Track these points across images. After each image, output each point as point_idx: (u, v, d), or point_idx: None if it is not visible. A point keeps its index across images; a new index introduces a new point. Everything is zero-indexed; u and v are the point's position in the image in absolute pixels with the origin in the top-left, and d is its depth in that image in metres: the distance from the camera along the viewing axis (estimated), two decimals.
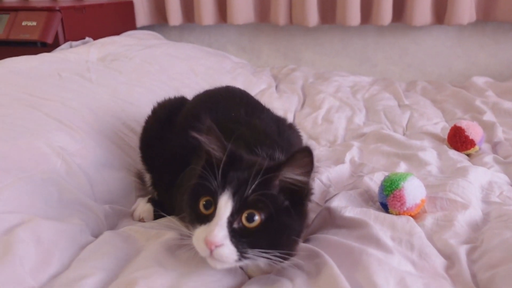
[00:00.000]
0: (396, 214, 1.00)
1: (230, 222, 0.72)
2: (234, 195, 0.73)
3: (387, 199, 1.01)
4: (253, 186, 0.72)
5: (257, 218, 0.72)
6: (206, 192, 0.76)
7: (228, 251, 0.70)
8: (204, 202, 0.76)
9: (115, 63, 1.74)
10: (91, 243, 0.86)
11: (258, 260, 0.73)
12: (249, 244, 0.71)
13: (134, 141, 1.30)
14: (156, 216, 1.07)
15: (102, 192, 1.08)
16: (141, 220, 1.06)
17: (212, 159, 0.78)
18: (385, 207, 1.03)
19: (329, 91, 2.01)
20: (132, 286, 0.70)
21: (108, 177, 1.12)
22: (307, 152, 0.72)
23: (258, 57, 2.75)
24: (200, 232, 0.73)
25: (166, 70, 1.85)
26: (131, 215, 1.09)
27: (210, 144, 0.78)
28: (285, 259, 0.74)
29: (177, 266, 0.78)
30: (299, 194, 0.77)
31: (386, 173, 1.15)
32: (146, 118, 1.20)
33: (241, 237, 0.71)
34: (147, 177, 1.17)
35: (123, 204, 1.11)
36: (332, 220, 0.99)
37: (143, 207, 1.09)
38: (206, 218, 0.74)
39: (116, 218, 1.04)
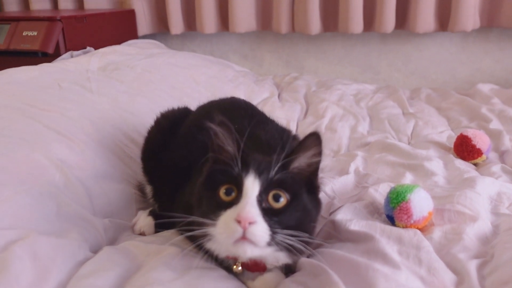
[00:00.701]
0: (403, 227, 0.98)
1: (259, 202, 0.73)
2: (260, 175, 0.75)
3: (394, 211, 0.99)
4: (276, 168, 0.76)
5: (282, 198, 0.75)
6: (226, 178, 0.77)
7: (261, 229, 0.71)
8: (224, 190, 0.76)
9: (116, 73, 1.72)
10: (89, 259, 0.83)
11: (281, 249, 0.74)
12: (279, 224, 0.72)
13: (135, 152, 1.29)
14: (158, 230, 1.05)
15: (101, 205, 1.06)
16: (142, 233, 1.04)
17: (223, 157, 0.79)
18: (391, 220, 1.01)
19: (332, 100, 1.99)
20: None
21: (108, 189, 1.10)
22: (316, 136, 0.79)
23: (260, 65, 2.74)
24: (227, 215, 0.72)
25: (167, 79, 1.84)
26: (131, 229, 1.07)
27: (222, 137, 0.79)
28: (307, 244, 0.76)
29: (178, 284, 0.75)
30: (312, 182, 0.82)
31: (392, 184, 1.12)
32: (149, 129, 1.19)
33: (271, 216, 0.73)
34: (148, 189, 1.15)
35: (123, 217, 1.08)
36: (337, 233, 0.96)
37: (144, 220, 1.06)
38: (229, 204, 0.74)
39: (116, 231, 1.02)
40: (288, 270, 0.87)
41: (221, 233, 0.73)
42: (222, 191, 0.76)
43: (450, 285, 0.80)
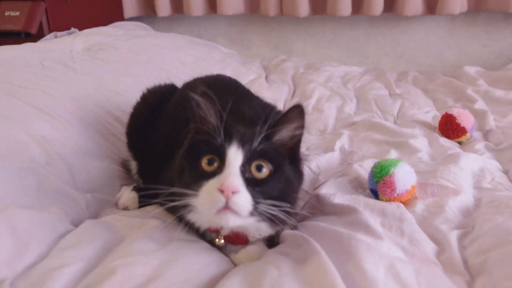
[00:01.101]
0: (386, 201, 0.98)
1: (242, 172, 0.73)
2: (243, 146, 0.75)
3: (377, 185, 0.99)
4: (259, 138, 0.76)
5: (265, 169, 0.75)
6: (208, 149, 0.76)
7: (244, 198, 0.71)
8: (206, 160, 0.75)
9: (101, 53, 1.70)
10: (70, 232, 0.82)
11: (264, 219, 0.74)
12: (261, 194, 0.73)
13: (119, 130, 1.27)
14: (142, 205, 1.05)
15: (83, 181, 1.04)
16: (126, 208, 1.03)
17: (205, 128, 0.79)
18: (375, 194, 1.01)
19: (319, 81, 1.99)
20: (111, 275, 0.68)
21: (90, 166, 1.09)
22: (300, 109, 0.78)
23: (248, 48, 2.72)
24: (210, 185, 0.72)
25: (153, 60, 1.81)
26: (115, 204, 1.06)
27: (205, 107, 0.78)
28: (289, 214, 0.76)
29: (160, 255, 0.75)
30: (294, 154, 0.82)
31: (377, 160, 1.12)
32: (135, 104, 1.18)
33: (254, 186, 0.73)
34: (133, 164, 1.14)
35: (106, 193, 1.07)
36: (320, 207, 0.97)
37: (127, 195, 1.05)
38: (212, 174, 0.74)
39: (98, 207, 1.01)
40: (271, 243, 0.87)
41: (204, 203, 0.72)
42: (204, 162, 0.76)
43: (431, 255, 0.80)
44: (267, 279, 0.67)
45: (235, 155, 0.74)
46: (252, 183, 0.73)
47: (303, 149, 0.87)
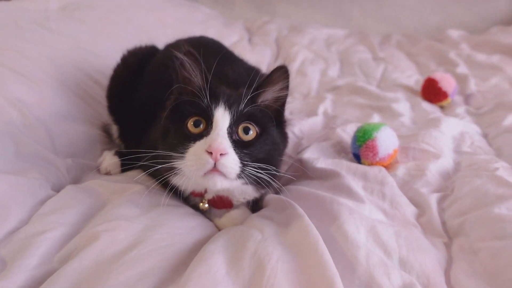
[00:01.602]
0: (369, 165, 0.99)
1: (229, 134, 0.73)
2: (230, 108, 0.74)
3: (360, 149, 1.00)
4: (246, 100, 0.75)
5: (252, 131, 0.75)
6: (194, 110, 0.75)
7: (232, 160, 0.71)
8: (192, 122, 0.75)
9: (78, 13, 1.63)
10: (52, 197, 0.81)
11: (250, 182, 0.74)
12: (248, 156, 0.73)
13: (99, 93, 1.24)
14: (124, 170, 1.04)
15: (63, 146, 1.02)
16: (108, 173, 1.02)
17: (189, 89, 0.77)
18: (357, 158, 1.02)
19: (303, 44, 1.96)
20: (94, 240, 0.67)
21: (70, 129, 1.06)
22: (284, 69, 0.78)
23: (231, 10, 2.65)
24: (197, 147, 0.71)
25: (133, 21, 1.75)
26: (97, 169, 1.05)
27: (189, 67, 0.77)
28: (274, 177, 0.76)
29: (143, 220, 0.75)
30: (279, 116, 0.82)
31: (359, 125, 1.13)
32: (115, 66, 1.14)
33: (242, 148, 0.73)
34: (114, 128, 1.12)
35: (87, 158, 1.05)
36: (304, 171, 0.97)
37: (109, 159, 1.04)
38: (198, 136, 0.73)
39: (80, 172, 0.99)
40: (255, 208, 0.88)
41: (191, 165, 0.71)
42: (190, 123, 0.74)
43: (411, 217, 0.82)
44: (250, 242, 0.68)
45: (222, 117, 0.73)
46: (239, 145, 0.73)
47: (286, 112, 0.86)
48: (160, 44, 1.24)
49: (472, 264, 0.70)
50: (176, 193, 0.82)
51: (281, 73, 0.78)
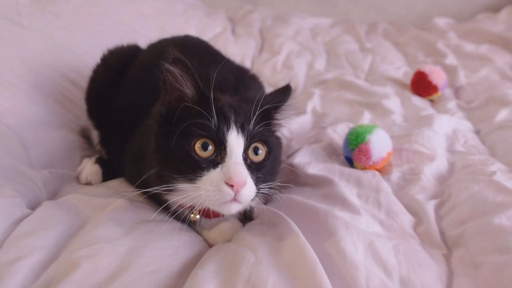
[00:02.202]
0: (362, 169, 0.96)
1: (244, 159, 0.69)
2: (242, 130, 0.70)
3: (353, 153, 0.96)
4: (254, 119, 0.71)
5: (261, 151, 0.72)
6: (201, 132, 0.69)
7: (251, 189, 0.68)
8: (200, 144, 0.69)
9: (51, 5, 1.54)
10: (27, 217, 0.75)
11: (259, 197, 0.73)
12: (262, 179, 0.70)
13: (76, 95, 1.18)
14: (105, 178, 0.98)
15: (39, 156, 0.96)
16: (88, 183, 0.97)
17: (180, 102, 0.71)
18: (350, 161, 0.98)
19: (288, 35, 1.90)
20: (74, 268, 0.62)
21: (45, 137, 1.00)
22: (291, 89, 0.77)
23: None
24: (215, 178, 0.66)
25: (110, 13, 1.67)
26: (76, 178, 0.99)
27: (179, 77, 0.70)
28: (277, 190, 0.75)
29: (126, 240, 0.70)
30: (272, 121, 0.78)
31: (350, 124, 1.09)
32: (95, 67, 1.08)
33: (256, 172, 0.70)
34: (94, 134, 1.06)
35: (65, 167, 0.99)
36: (295, 177, 0.93)
37: (90, 168, 0.98)
38: (211, 162, 0.68)
39: (58, 183, 0.93)
40: (244, 216, 0.84)
41: (208, 195, 0.66)
42: (197, 146, 0.68)
43: (409, 227, 0.79)
44: (243, 267, 0.64)
45: (236, 141, 0.69)
46: (253, 169, 0.70)
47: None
48: (140, 37, 1.18)
49: (475, 279, 0.67)
50: (161, 204, 0.77)
51: (288, 91, 0.77)
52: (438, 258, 0.73)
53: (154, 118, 0.75)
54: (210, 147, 0.68)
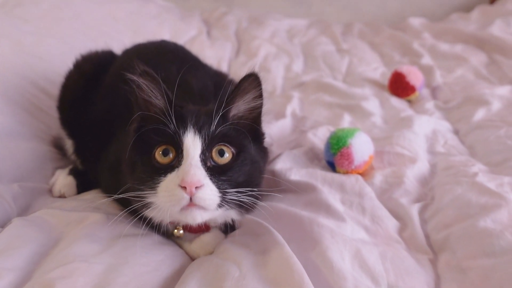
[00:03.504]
0: (344, 173, 0.94)
1: (203, 161, 0.66)
2: (200, 131, 0.67)
3: (334, 157, 0.94)
4: (216, 120, 0.68)
5: (227, 153, 0.68)
6: (160, 138, 0.67)
7: (210, 191, 0.64)
8: (160, 151, 0.67)
9: (18, 10, 1.48)
10: None
11: (232, 207, 0.68)
12: (228, 182, 0.66)
13: (46, 103, 1.13)
14: (80, 190, 0.94)
15: (8, 168, 0.91)
16: (62, 195, 0.92)
17: (150, 111, 0.69)
18: (332, 166, 0.97)
19: (264, 37, 1.89)
20: None
21: (14, 149, 0.95)
22: (254, 77, 0.70)
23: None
24: (169, 181, 0.64)
25: (80, 16, 1.62)
26: (49, 191, 0.94)
27: (148, 89, 0.68)
28: (257, 199, 0.70)
29: (104, 258, 0.66)
30: (255, 129, 0.75)
31: (331, 128, 1.08)
32: (67, 73, 1.04)
33: (219, 175, 0.66)
34: (68, 143, 1.02)
35: (37, 180, 0.94)
36: (277, 184, 0.91)
37: (63, 180, 0.94)
38: (169, 167, 0.66)
39: (29, 197, 0.88)
40: (227, 225, 0.81)
41: (165, 202, 0.64)
42: (158, 153, 0.67)
43: (394, 232, 0.78)
44: (228, 282, 0.61)
45: (192, 143, 0.66)
46: (215, 172, 0.66)
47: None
48: (112, 41, 1.14)
49: (463, 284, 0.66)
50: (142, 219, 0.74)
51: (251, 81, 0.70)
52: (425, 263, 0.72)
53: (130, 135, 0.72)
54: (171, 154, 0.66)
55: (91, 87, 0.99)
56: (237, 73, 1.58)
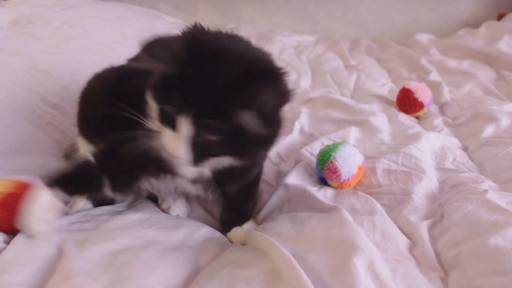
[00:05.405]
0: (337, 187, 0.96)
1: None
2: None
3: (323, 172, 0.97)
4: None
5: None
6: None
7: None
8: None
9: (30, 27, 1.51)
10: (2, 251, 0.71)
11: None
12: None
13: (57, 119, 1.14)
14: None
15: None
16: None
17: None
18: (324, 181, 0.98)
19: (273, 53, 1.88)
20: None
21: (25, 165, 0.96)
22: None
23: (193, 16, 2.56)
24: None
25: (90, 34, 1.64)
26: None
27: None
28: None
29: (107, 274, 0.66)
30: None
31: (329, 142, 1.09)
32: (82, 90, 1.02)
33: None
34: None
35: None
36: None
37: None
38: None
39: None
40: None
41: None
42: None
43: (405, 249, 0.77)
44: None
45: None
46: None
47: None
48: (122, 57, 1.14)
49: None
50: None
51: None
52: (436, 281, 0.71)
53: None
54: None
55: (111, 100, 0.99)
56: None
